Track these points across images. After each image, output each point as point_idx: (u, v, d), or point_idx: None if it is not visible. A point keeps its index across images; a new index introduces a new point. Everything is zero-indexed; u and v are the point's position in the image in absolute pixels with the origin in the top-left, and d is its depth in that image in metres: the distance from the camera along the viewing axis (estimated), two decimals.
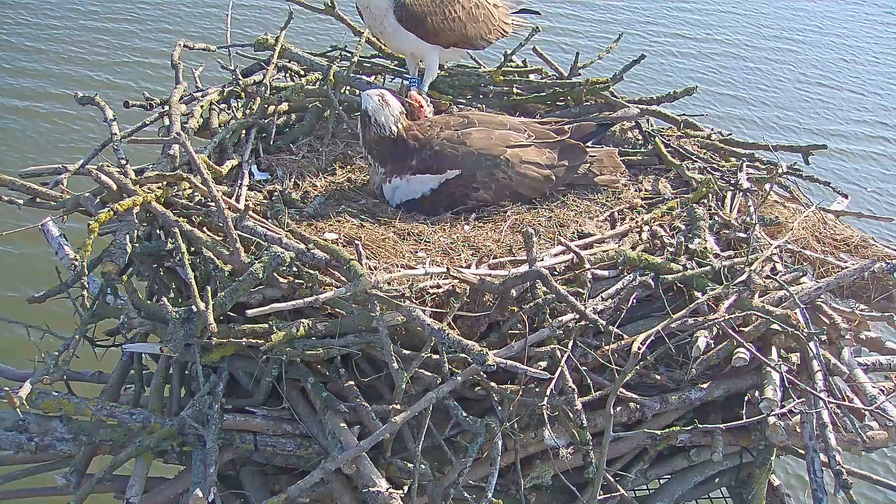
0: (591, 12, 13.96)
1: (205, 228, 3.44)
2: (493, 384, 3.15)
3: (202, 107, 4.26)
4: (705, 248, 3.71)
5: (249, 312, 2.95)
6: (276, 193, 3.89)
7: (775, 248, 3.74)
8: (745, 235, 3.85)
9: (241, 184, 3.85)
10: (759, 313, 3.38)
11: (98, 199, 3.49)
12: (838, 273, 3.73)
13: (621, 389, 3.17)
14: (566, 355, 3.16)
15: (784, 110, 11.70)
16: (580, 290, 3.39)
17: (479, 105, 4.83)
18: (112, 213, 3.19)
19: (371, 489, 2.88)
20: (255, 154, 4.25)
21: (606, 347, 3.30)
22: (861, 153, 11.03)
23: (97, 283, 3.53)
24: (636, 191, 4.28)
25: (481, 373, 3.03)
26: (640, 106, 4.80)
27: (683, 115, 4.96)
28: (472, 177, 3.98)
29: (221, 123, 4.32)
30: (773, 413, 3.25)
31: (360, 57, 4.91)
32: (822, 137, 10.27)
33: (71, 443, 3.31)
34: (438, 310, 3.21)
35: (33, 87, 9.94)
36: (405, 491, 2.94)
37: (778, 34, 14.56)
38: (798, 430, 3.39)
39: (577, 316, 3.28)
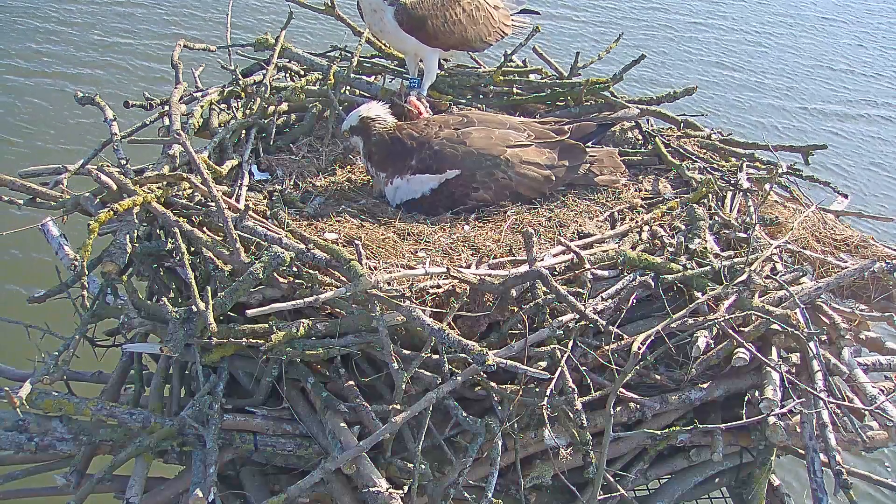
0: (591, 12, 13.97)
1: (205, 228, 3.44)
2: (493, 384, 3.15)
3: (202, 107, 4.26)
4: (705, 248, 3.71)
5: (249, 312, 2.95)
6: (276, 193, 3.89)
7: (775, 248, 3.74)
8: (745, 235, 3.85)
9: (241, 184, 3.85)
10: (759, 313, 3.38)
11: (98, 199, 3.49)
12: (838, 273, 3.74)
13: (621, 389, 3.17)
14: (566, 355, 3.16)
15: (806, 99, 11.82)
16: (580, 290, 3.39)
17: (479, 105, 4.83)
18: (112, 213, 3.19)
19: (371, 489, 2.88)
20: (255, 154, 4.25)
21: (606, 347, 3.30)
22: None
23: (97, 283, 3.53)
24: (636, 191, 4.28)
25: (481, 373, 3.04)
26: (640, 106, 4.80)
27: (683, 114, 4.96)
28: (472, 177, 3.98)
29: (221, 123, 4.32)
30: (773, 413, 3.25)
31: (360, 57, 4.91)
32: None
33: (71, 443, 3.31)
34: (438, 310, 3.21)
35: (33, 86, 9.94)
36: (405, 491, 2.94)
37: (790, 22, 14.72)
38: (798, 430, 3.39)
39: (577, 316, 3.28)
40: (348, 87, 4.70)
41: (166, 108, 4.18)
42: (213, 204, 3.37)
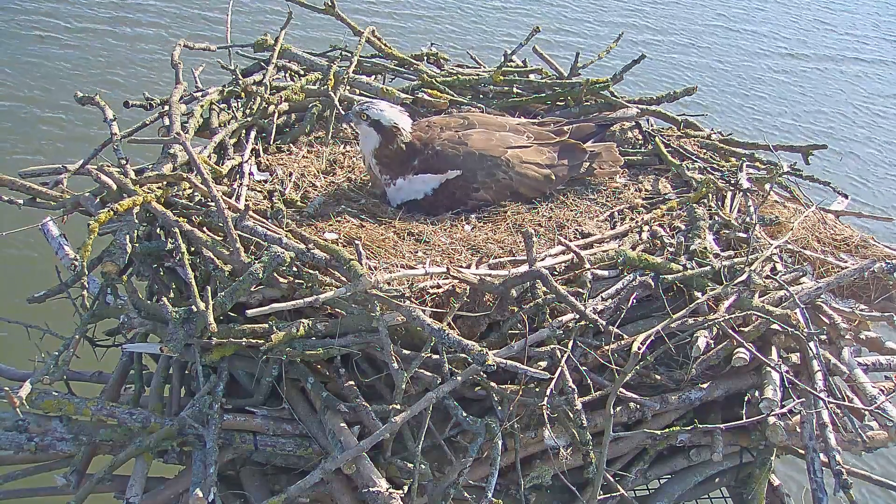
0: (591, 12, 13.98)
1: (205, 228, 3.44)
2: (493, 384, 3.15)
3: (202, 107, 4.26)
4: (705, 248, 3.71)
5: (249, 312, 2.95)
6: (276, 193, 3.89)
7: (775, 248, 3.74)
8: (745, 235, 3.85)
9: (241, 184, 3.85)
10: (759, 313, 3.38)
11: (98, 199, 3.50)
12: (838, 273, 3.74)
13: (621, 389, 3.17)
14: (566, 355, 3.16)
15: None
16: (580, 290, 3.39)
17: (479, 105, 4.83)
18: (112, 213, 3.19)
19: (371, 489, 2.88)
20: (255, 154, 4.25)
21: (606, 347, 3.30)
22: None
23: (97, 283, 3.53)
24: (636, 191, 4.28)
25: (481, 373, 3.03)
26: (640, 106, 4.80)
27: (684, 114, 4.96)
28: (473, 177, 3.98)
29: (221, 123, 4.31)
30: (773, 413, 3.25)
31: (360, 57, 4.91)
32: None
33: (71, 443, 3.31)
34: (438, 310, 3.21)
35: (33, 86, 9.93)
36: (405, 491, 2.94)
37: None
38: (798, 430, 3.39)
39: (577, 316, 3.28)
40: (348, 87, 4.70)
41: (166, 108, 4.18)
42: (213, 204, 3.37)
